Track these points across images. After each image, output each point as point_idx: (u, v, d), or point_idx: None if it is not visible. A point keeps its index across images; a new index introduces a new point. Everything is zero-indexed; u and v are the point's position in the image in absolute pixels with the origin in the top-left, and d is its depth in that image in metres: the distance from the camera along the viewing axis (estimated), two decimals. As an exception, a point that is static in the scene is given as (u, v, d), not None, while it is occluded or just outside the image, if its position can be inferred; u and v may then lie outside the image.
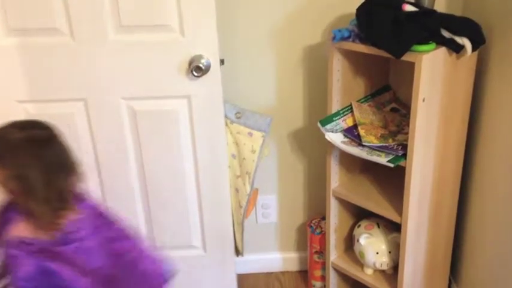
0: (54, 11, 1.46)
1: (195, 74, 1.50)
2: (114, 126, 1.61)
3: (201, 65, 1.49)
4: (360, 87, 1.65)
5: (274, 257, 2.08)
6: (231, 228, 1.77)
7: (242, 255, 1.94)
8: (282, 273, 2.09)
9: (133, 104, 1.58)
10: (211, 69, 1.52)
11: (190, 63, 1.51)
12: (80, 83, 1.55)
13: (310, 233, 1.90)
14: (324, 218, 1.87)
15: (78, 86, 1.56)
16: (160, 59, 1.52)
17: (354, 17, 1.46)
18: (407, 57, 1.34)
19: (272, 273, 2.09)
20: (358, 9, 1.45)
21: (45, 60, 1.53)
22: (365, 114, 1.60)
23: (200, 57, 1.50)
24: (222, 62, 1.57)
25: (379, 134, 1.55)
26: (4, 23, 1.48)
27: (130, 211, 1.73)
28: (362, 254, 1.71)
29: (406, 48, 1.34)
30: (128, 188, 1.70)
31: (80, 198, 1.17)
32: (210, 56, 1.50)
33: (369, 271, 1.74)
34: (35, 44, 1.51)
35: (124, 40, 1.50)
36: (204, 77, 1.52)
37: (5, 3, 1.46)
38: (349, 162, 1.71)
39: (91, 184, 1.68)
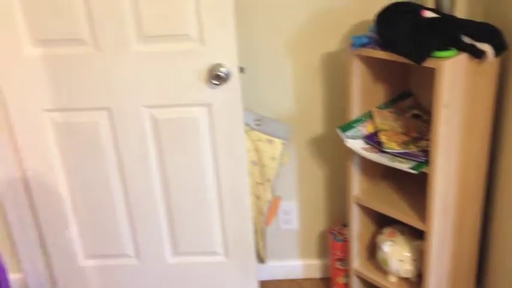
0: (78, 22, 1.50)
1: (215, 82, 1.52)
2: (137, 134, 1.64)
3: (220, 74, 1.51)
4: (379, 93, 1.65)
5: (296, 264, 2.08)
6: (253, 234, 1.78)
7: (264, 262, 1.94)
8: (304, 280, 2.08)
9: (155, 112, 1.61)
10: (230, 77, 1.53)
11: (210, 72, 1.53)
12: (104, 92, 1.59)
13: (332, 240, 1.89)
14: (345, 225, 1.85)
15: (102, 95, 1.59)
16: (181, 67, 1.54)
17: (372, 23, 1.46)
18: (428, 63, 1.33)
19: (294, 280, 2.08)
20: (377, 16, 1.45)
21: (70, 70, 1.57)
22: (386, 121, 1.59)
23: (219, 65, 1.52)
24: (242, 70, 1.59)
25: (401, 141, 1.53)
26: (30, 34, 1.53)
27: (153, 218, 1.76)
28: (385, 262, 1.69)
29: (427, 55, 1.33)
30: (151, 194, 1.73)
31: None
32: (229, 65, 1.52)
33: (393, 279, 1.72)
34: (60, 54, 1.55)
35: (146, 49, 1.53)
36: (224, 85, 1.54)
37: (30, 15, 1.50)
38: (370, 168, 1.70)
39: (115, 191, 1.73)
